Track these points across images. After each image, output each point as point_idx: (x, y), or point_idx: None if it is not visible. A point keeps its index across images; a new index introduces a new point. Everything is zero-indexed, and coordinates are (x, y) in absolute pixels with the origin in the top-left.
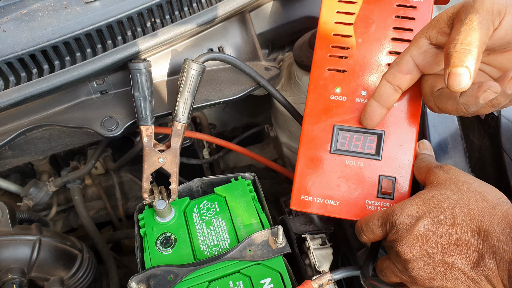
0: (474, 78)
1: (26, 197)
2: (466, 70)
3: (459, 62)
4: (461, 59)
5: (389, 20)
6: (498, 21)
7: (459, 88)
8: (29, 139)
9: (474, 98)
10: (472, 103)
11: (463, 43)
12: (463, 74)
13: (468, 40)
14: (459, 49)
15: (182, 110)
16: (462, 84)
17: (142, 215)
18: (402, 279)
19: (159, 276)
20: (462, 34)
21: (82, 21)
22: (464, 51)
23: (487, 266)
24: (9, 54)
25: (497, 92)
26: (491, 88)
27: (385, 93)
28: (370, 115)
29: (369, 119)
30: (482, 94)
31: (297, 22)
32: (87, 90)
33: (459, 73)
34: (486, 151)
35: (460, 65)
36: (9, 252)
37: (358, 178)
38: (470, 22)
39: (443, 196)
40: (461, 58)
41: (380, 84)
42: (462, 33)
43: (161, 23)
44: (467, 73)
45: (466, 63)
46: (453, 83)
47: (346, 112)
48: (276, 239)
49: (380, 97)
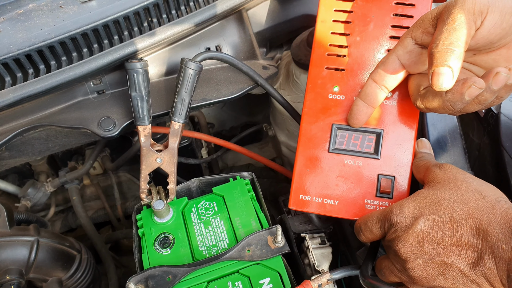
0: (458, 77)
1: (24, 197)
2: (448, 70)
3: (442, 61)
4: (443, 59)
5: (387, 18)
6: (480, 20)
7: (443, 87)
8: (26, 140)
9: (460, 95)
10: (458, 100)
11: (445, 43)
12: (446, 74)
13: (450, 39)
14: (441, 49)
15: (180, 110)
16: (445, 83)
17: (140, 215)
18: (401, 278)
19: (157, 276)
20: (444, 34)
21: (78, 20)
22: (446, 50)
23: (486, 265)
24: (4, 54)
25: (482, 88)
26: (475, 84)
27: (371, 93)
28: (356, 114)
29: (355, 118)
30: (467, 90)
31: (295, 20)
32: (84, 90)
33: (442, 73)
34: (485, 149)
35: (443, 65)
36: (7, 253)
37: (356, 177)
38: (452, 22)
39: (442, 195)
40: (444, 58)
41: (366, 83)
42: (444, 33)
43: (158, 22)
44: (450, 73)
45: (448, 62)
46: (437, 83)
47: (344, 111)
48: (275, 239)
49: (366, 96)
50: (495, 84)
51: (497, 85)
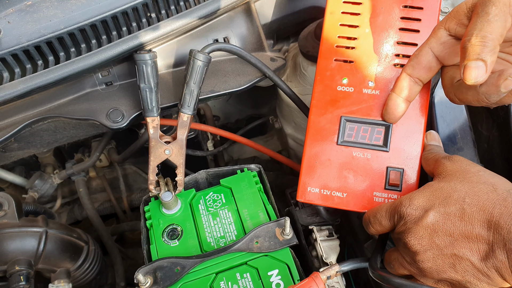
0: (494, 68)
1: (31, 189)
2: (481, 63)
3: (474, 55)
4: (476, 52)
5: (396, 10)
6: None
7: (475, 81)
8: (34, 131)
9: (495, 87)
10: (493, 92)
11: (478, 36)
12: (479, 67)
13: (483, 33)
14: (474, 42)
15: (188, 101)
16: (478, 78)
17: (148, 207)
18: (411, 271)
19: (166, 268)
20: (477, 27)
21: (87, 12)
22: (479, 44)
23: (497, 258)
24: (14, 45)
25: None
26: (511, 76)
27: (406, 86)
28: (392, 109)
29: (391, 113)
30: (503, 82)
31: (302, 12)
32: (92, 81)
33: (475, 66)
34: (494, 142)
35: (475, 58)
36: (16, 244)
37: (365, 169)
38: (486, 15)
39: (452, 188)
40: (476, 51)
41: (400, 77)
42: (478, 26)
43: (166, 14)
44: (483, 66)
45: (481, 56)
46: (469, 77)
47: (353, 103)
48: (283, 231)
49: (401, 90)
50: None
51: None
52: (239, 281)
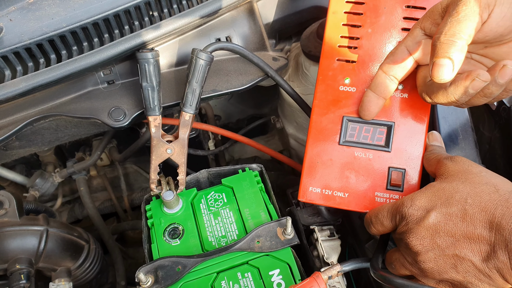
0: (461, 69)
1: (32, 188)
2: (449, 61)
3: (443, 53)
4: (444, 50)
5: (399, 10)
6: (487, 13)
7: (442, 78)
8: (36, 130)
9: (463, 87)
10: (461, 92)
11: (447, 34)
12: (446, 65)
13: (452, 31)
14: (443, 40)
15: (190, 101)
16: (444, 75)
17: (150, 206)
18: (412, 271)
19: (167, 267)
20: (447, 25)
21: (89, 10)
22: (448, 42)
23: (499, 259)
24: (16, 43)
25: (486, 81)
26: (479, 77)
27: (381, 83)
28: (367, 106)
29: (366, 109)
30: (471, 83)
31: (304, 12)
32: (94, 80)
33: (442, 64)
34: (496, 143)
35: (444, 56)
36: (16, 243)
37: (367, 170)
38: (456, 14)
39: (454, 188)
40: (445, 49)
41: (376, 74)
42: (448, 25)
43: (168, 12)
44: (450, 64)
45: (449, 54)
46: (436, 74)
47: (355, 103)
48: (285, 231)
49: (376, 87)
50: (501, 77)
51: (504, 78)
52: (240, 281)
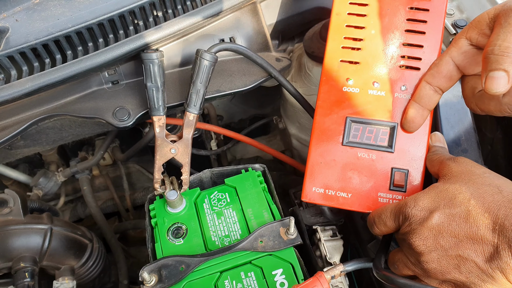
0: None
1: (36, 187)
2: (504, 74)
3: (497, 65)
4: (498, 63)
5: (402, 12)
6: None
7: (497, 91)
8: (41, 129)
9: None
10: None
11: (501, 47)
12: (501, 78)
13: (506, 43)
14: (497, 53)
15: (195, 101)
16: (500, 88)
17: (153, 206)
18: (415, 271)
19: (170, 266)
20: (501, 37)
21: (94, 10)
22: (502, 54)
23: (502, 259)
24: (22, 43)
25: None
26: None
27: (425, 95)
28: (413, 118)
29: (411, 121)
30: None
31: (307, 13)
32: (98, 80)
33: (497, 77)
34: (498, 144)
35: (498, 69)
36: (21, 241)
37: (370, 170)
38: (509, 26)
39: (457, 189)
40: (499, 62)
41: (420, 85)
42: (501, 36)
43: (173, 13)
44: (505, 77)
45: (504, 66)
46: (491, 87)
47: (358, 104)
48: (288, 230)
49: (420, 99)
50: None
51: None
52: (244, 280)
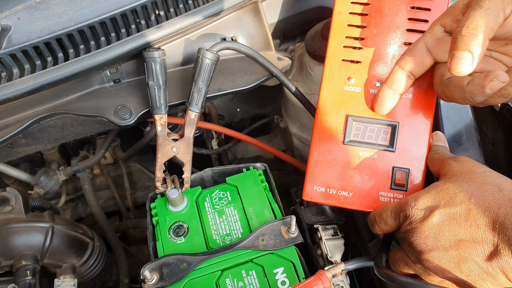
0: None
1: (37, 185)
2: (469, 54)
3: (463, 45)
4: (465, 43)
5: (404, 11)
6: (510, 9)
7: (460, 71)
8: (42, 128)
9: (480, 87)
10: (478, 92)
11: (468, 27)
12: (466, 58)
13: (474, 24)
14: (464, 33)
15: (196, 100)
16: (464, 68)
17: (155, 204)
18: (416, 270)
19: (172, 264)
20: (469, 19)
21: (96, 9)
22: (468, 35)
23: (503, 258)
24: (24, 42)
25: (505, 82)
26: (497, 78)
27: (397, 79)
28: (383, 101)
29: (381, 104)
30: (489, 83)
31: (309, 12)
32: (100, 78)
33: (462, 57)
34: (499, 143)
35: (464, 49)
36: (22, 239)
37: (371, 169)
38: (479, 8)
39: (458, 188)
40: (465, 42)
41: (393, 70)
42: (470, 18)
43: (175, 12)
44: (470, 57)
45: (470, 47)
46: (455, 66)
47: (360, 103)
48: (289, 229)
49: (392, 83)
50: None
51: None
52: (245, 279)
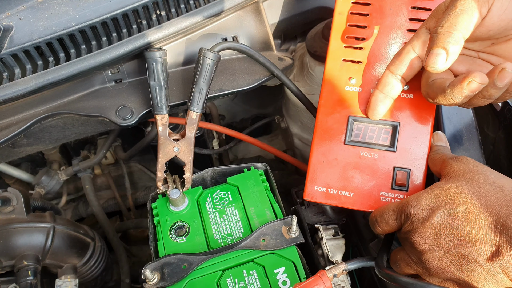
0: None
1: (38, 185)
2: (443, 51)
3: (438, 43)
4: (440, 40)
5: (405, 11)
6: (487, 7)
7: (435, 67)
8: (44, 127)
9: (459, 89)
10: (458, 94)
11: (443, 26)
12: (440, 54)
13: (449, 23)
14: (439, 32)
15: (197, 100)
16: (438, 64)
17: (156, 204)
18: (417, 270)
19: (173, 264)
20: (445, 18)
21: (98, 9)
22: (443, 33)
23: (504, 258)
24: (26, 42)
25: (483, 83)
26: (475, 79)
27: (388, 83)
28: (375, 106)
29: (374, 109)
30: (467, 85)
31: (310, 12)
32: (101, 78)
33: (437, 53)
34: (500, 144)
35: (438, 46)
36: (24, 239)
37: (372, 169)
38: (454, 8)
39: (459, 188)
40: (440, 40)
41: (383, 74)
42: (445, 18)
43: (176, 12)
44: (444, 54)
45: (444, 44)
46: (429, 62)
47: (361, 103)
48: (290, 229)
49: (383, 87)
50: (500, 80)
51: (502, 81)
52: (246, 278)
